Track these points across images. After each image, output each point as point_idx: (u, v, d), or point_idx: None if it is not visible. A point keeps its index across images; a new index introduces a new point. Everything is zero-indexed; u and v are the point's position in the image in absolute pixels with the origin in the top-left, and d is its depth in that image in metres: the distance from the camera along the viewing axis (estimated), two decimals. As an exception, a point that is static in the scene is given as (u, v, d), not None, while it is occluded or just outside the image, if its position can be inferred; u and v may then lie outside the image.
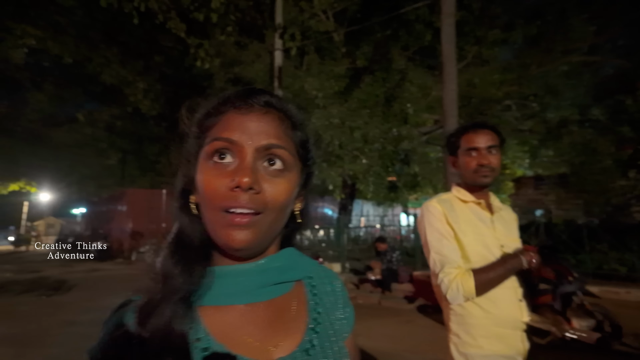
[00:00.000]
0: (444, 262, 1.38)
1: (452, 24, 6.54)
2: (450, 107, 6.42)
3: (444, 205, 1.48)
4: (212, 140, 0.52)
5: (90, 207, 26.55)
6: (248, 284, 0.54)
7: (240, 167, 0.50)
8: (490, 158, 1.43)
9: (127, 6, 5.25)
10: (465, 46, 11.06)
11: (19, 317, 6.18)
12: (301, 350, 0.54)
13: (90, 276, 11.52)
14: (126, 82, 12.57)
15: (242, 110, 0.53)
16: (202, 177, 0.51)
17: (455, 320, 1.42)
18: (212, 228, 0.52)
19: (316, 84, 9.80)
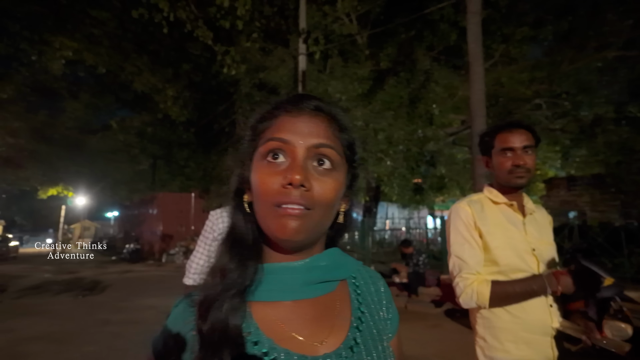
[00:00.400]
0: (462, 266, 1.38)
1: (478, 23, 6.43)
2: (478, 107, 6.29)
3: (474, 206, 1.45)
4: (266, 141, 0.55)
5: (122, 210, 27.57)
6: (295, 281, 0.57)
7: (292, 166, 0.53)
8: (525, 158, 1.40)
9: (157, 16, 5.45)
10: (492, 45, 10.82)
11: (57, 315, 6.49)
12: (346, 347, 0.56)
13: (122, 277, 11.94)
14: (156, 90, 13.01)
15: (294, 113, 0.57)
16: (257, 175, 0.55)
17: (482, 324, 1.40)
18: (264, 221, 0.55)
19: (340, 87, 9.83)
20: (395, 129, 9.68)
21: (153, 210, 19.40)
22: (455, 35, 10.44)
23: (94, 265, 16.47)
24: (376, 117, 9.69)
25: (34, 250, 30.96)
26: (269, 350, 0.52)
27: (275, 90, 11.10)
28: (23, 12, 10.71)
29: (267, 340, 0.52)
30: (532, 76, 10.90)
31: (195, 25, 5.64)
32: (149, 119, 16.54)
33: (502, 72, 10.43)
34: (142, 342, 3.12)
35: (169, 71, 13.27)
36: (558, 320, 1.35)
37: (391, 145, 9.91)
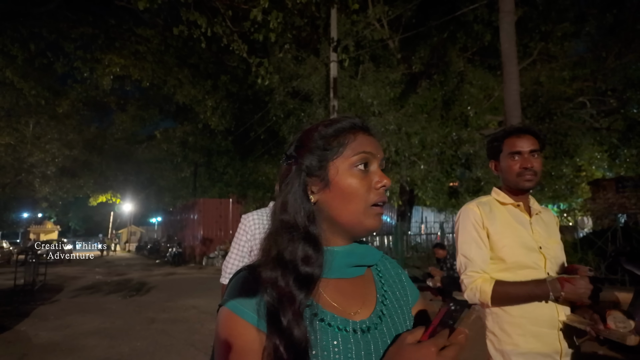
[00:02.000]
0: (467, 264, 1.46)
1: (511, 22, 6.31)
2: (513, 107, 6.17)
3: (482, 207, 1.52)
4: (358, 153, 0.69)
5: (166, 216, 28.82)
6: (339, 262, 0.70)
7: (379, 173, 0.71)
8: (533, 162, 1.46)
9: (196, 32, 5.82)
10: (530, 43, 10.49)
11: (109, 313, 6.97)
12: (375, 316, 0.71)
13: (166, 279, 12.54)
14: (196, 101, 13.67)
15: (366, 133, 0.73)
16: (352, 179, 0.69)
17: (491, 318, 1.48)
18: (356, 218, 0.69)
19: (371, 92, 9.88)
20: (429, 132, 9.59)
21: (194, 215, 20.19)
22: (489, 36, 10.23)
23: (140, 267, 17.38)
24: (409, 121, 9.65)
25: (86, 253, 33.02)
26: (318, 312, 0.65)
27: (308, 97, 11.33)
28: (77, 34, 11.62)
29: (316, 305, 0.66)
30: (574, 74, 10.44)
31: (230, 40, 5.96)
32: (190, 129, 17.35)
33: (541, 70, 10.07)
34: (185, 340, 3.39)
35: (208, 83, 13.89)
36: (565, 314, 1.39)
37: (425, 149, 9.82)
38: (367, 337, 0.67)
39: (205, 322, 6.15)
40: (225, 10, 5.79)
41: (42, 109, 17.06)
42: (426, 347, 0.56)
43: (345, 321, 0.67)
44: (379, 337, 0.68)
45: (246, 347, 0.61)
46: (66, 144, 20.09)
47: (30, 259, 10.64)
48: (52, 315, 6.81)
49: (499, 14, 6.44)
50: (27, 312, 6.99)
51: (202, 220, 18.84)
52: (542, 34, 10.48)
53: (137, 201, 34.28)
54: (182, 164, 19.84)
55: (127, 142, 23.23)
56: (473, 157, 9.67)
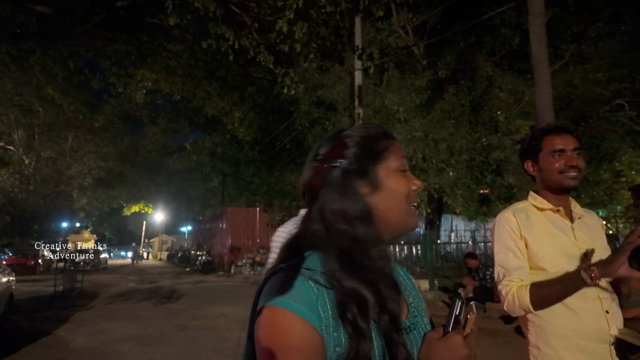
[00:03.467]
0: (504, 274, 1.39)
1: (541, 24, 6.16)
2: (545, 111, 5.98)
3: (519, 215, 1.45)
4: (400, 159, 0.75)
5: (195, 225, 29.48)
6: None
7: (412, 176, 0.77)
8: (577, 160, 1.39)
9: (224, 45, 5.99)
10: (561, 45, 10.17)
11: (141, 320, 7.15)
12: (412, 316, 0.74)
13: (196, 287, 12.76)
14: (224, 113, 14.02)
15: (395, 140, 0.79)
16: (398, 182, 0.74)
17: (534, 332, 1.39)
18: (400, 218, 0.73)
19: (397, 99, 9.82)
20: (457, 137, 9.41)
21: (222, 224, 20.54)
22: (518, 39, 10.00)
23: (170, 275, 17.79)
24: (436, 127, 9.50)
25: (120, 261, 34.20)
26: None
27: (333, 106, 11.38)
28: (112, 51, 12.20)
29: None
30: (610, 75, 10.01)
31: (257, 51, 6.11)
32: (218, 140, 17.77)
33: (574, 73, 9.72)
34: (214, 347, 3.42)
35: (235, 95, 14.23)
36: (617, 327, 1.30)
37: (453, 155, 9.63)
38: (410, 337, 0.70)
39: (234, 330, 6.20)
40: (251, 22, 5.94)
41: (80, 123, 17.97)
42: (454, 337, 0.63)
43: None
44: (418, 335, 0.71)
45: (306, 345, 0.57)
46: (102, 156, 21.03)
47: (69, 267, 11.10)
48: (89, 321, 7.06)
49: (528, 17, 6.30)
50: (66, 317, 7.27)
51: (230, 229, 19.14)
52: (574, 35, 10.14)
53: (168, 211, 35.26)
54: (211, 174, 20.30)
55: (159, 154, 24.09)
56: (504, 163, 9.40)
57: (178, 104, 17.43)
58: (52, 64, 11.56)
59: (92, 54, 12.38)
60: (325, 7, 5.04)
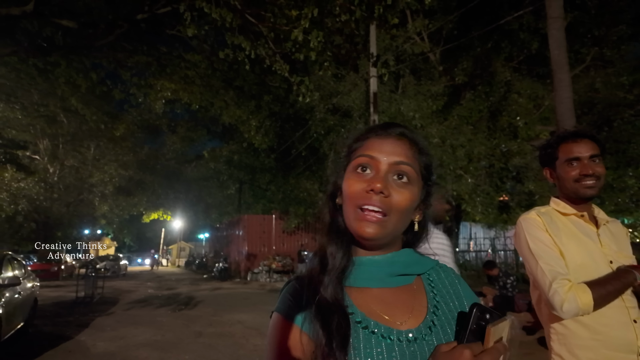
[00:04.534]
0: (554, 274, 1.27)
1: (560, 28, 6.04)
2: (566, 116, 5.84)
3: (544, 217, 1.40)
4: (357, 157, 0.70)
5: (213, 232, 29.78)
6: (379, 272, 0.70)
7: (375, 176, 0.67)
8: (594, 167, 1.34)
9: (241, 55, 6.10)
10: (582, 49, 9.95)
11: (160, 326, 7.24)
12: (425, 326, 0.67)
13: (213, 294, 12.86)
14: (241, 121, 14.22)
15: (382, 136, 0.71)
16: (347, 182, 0.69)
17: (557, 340, 1.35)
18: (349, 221, 0.69)
19: (413, 105, 9.76)
20: (476, 144, 9.27)
21: (239, 231, 20.69)
22: (536, 43, 9.84)
23: (188, 282, 17.97)
24: (453, 133, 9.40)
25: (139, 268, 34.77)
26: (362, 320, 0.64)
27: (349, 113, 11.39)
28: (133, 62, 12.53)
29: (360, 313, 0.65)
30: (635, 78, 9.73)
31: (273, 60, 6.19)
32: (235, 148, 18.01)
33: (596, 77, 9.49)
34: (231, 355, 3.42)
35: (252, 103, 14.43)
36: None
37: (471, 162, 9.48)
38: (413, 347, 0.64)
39: (250, 338, 6.21)
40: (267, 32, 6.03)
41: (102, 132, 18.48)
42: (459, 351, 0.54)
43: (389, 330, 0.65)
44: (427, 348, 0.64)
45: (292, 347, 0.64)
46: (122, 165, 21.55)
47: (90, 273, 11.35)
48: (109, 326, 7.18)
49: (547, 21, 6.20)
50: (87, 323, 7.42)
51: (247, 236, 19.26)
52: (595, 39, 9.91)
53: (186, 218, 35.76)
54: (228, 182, 20.55)
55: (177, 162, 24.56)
56: (524, 169, 9.20)
57: (196, 113, 17.77)
58: (76, 76, 11.96)
59: (114, 66, 12.74)
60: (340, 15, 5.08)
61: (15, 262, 6.09)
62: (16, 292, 5.45)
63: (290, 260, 17.60)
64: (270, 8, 5.74)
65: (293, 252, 18.23)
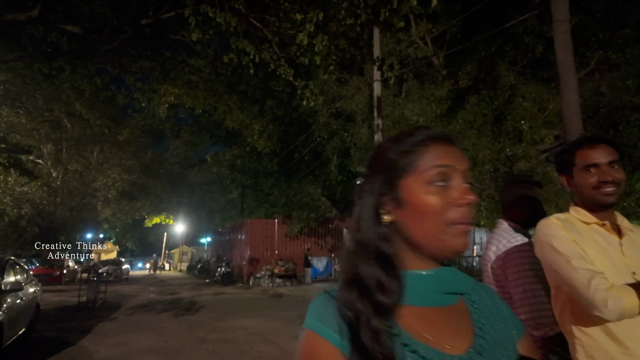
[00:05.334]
0: (592, 271, 1.18)
1: (566, 31, 6.00)
2: (573, 120, 5.78)
3: (565, 224, 1.34)
4: (433, 167, 0.62)
5: (215, 236, 29.76)
6: (426, 288, 0.64)
7: (461, 188, 0.62)
8: (613, 173, 1.29)
9: (245, 59, 6.09)
10: (587, 52, 9.92)
11: (163, 332, 7.19)
12: (475, 351, 0.62)
13: (215, 299, 12.80)
14: (245, 126, 14.23)
15: (444, 141, 0.65)
16: (426, 196, 0.62)
17: (583, 352, 1.29)
18: (436, 239, 0.62)
19: (416, 110, 9.73)
20: (480, 148, 9.22)
21: (242, 235, 20.64)
22: (541, 47, 9.81)
23: (190, 287, 17.93)
24: (457, 137, 9.31)
25: (141, 272, 34.75)
26: (409, 342, 0.58)
27: (352, 117, 11.36)
28: (137, 67, 12.58)
29: (406, 335, 0.59)
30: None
31: (277, 65, 6.18)
32: (238, 152, 18.02)
33: (602, 80, 9.44)
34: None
35: (255, 108, 14.43)
36: None
37: (476, 166, 9.43)
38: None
39: (254, 344, 6.14)
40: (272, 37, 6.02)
41: (105, 137, 18.54)
42: None
43: (441, 355, 0.59)
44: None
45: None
46: (126, 169, 21.61)
47: (92, 278, 11.32)
48: (111, 332, 7.14)
49: (553, 24, 6.16)
50: (89, 328, 7.39)
51: (249, 241, 19.21)
52: (600, 42, 9.88)
53: (189, 222, 35.76)
54: (231, 186, 20.53)
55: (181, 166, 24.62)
56: (530, 173, 9.13)
57: (200, 117, 17.81)
58: (81, 81, 12.01)
59: (118, 71, 12.79)
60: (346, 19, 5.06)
61: (17, 267, 6.07)
62: (18, 297, 5.42)
63: (293, 265, 17.52)
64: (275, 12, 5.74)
65: (296, 257, 18.16)
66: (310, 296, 1.71)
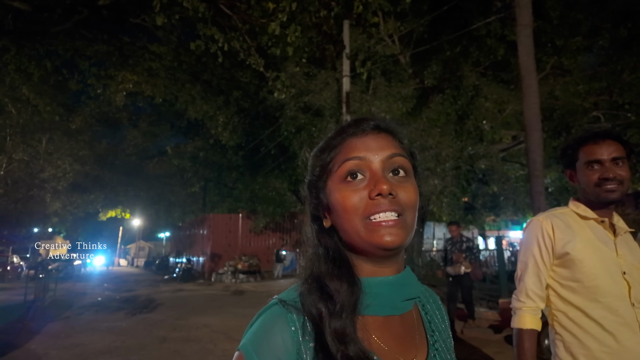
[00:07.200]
0: (523, 291, 1.39)
1: (529, 35, 6.26)
2: (534, 121, 6.05)
3: (556, 222, 1.36)
4: (342, 163, 0.59)
5: (175, 231, 28.81)
6: (392, 297, 0.59)
7: (376, 178, 0.57)
8: (616, 170, 1.28)
9: (213, 47, 5.84)
10: (543, 57, 10.43)
11: (119, 331, 6.82)
12: (431, 358, 0.60)
13: (175, 296, 12.38)
14: (208, 117, 13.75)
15: (359, 135, 0.61)
16: (340, 195, 0.58)
17: (562, 347, 1.32)
18: (356, 237, 0.57)
19: (384, 107, 9.82)
20: (443, 146, 9.48)
21: (203, 230, 20.11)
22: (503, 50, 10.20)
23: (148, 283, 17.24)
24: (422, 135, 9.56)
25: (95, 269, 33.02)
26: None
27: (320, 112, 11.30)
28: (92, 51, 11.81)
29: (368, 353, 0.53)
30: (589, 87, 10.32)
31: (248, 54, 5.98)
32: (201, 144, 17.44)
33: (556, 84, 9.98)
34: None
35: (220, 99, 13.99)
36: None
37: (439, 163, 9.69)
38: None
39: (218, 342, 5.97)
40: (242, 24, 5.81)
41: (56, 125, 17.32)
42: None
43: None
44: None
45: None
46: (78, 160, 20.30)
47: (40, 274, 10.57)
48: (63, 332, 6.69)
49: (517, 27, 6.40)
50: (38, 329, 6.87)
51: (212, 236, 18.76)
52: (555, 48, 10.41)
53: (147, 216, 34.37)
54: (193, 179, 19.89)
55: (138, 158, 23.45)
56: (490, 172, 9.52)
57: (160, 107, 17.00)
58: (28, 63, 11.09)
59: (70, 54, 11.95)
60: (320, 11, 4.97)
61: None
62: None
63: (257, 260, 17.30)
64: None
65: (260, 252, 17.95)
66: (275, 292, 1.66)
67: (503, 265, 7.57)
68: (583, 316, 1.27)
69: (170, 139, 22.23)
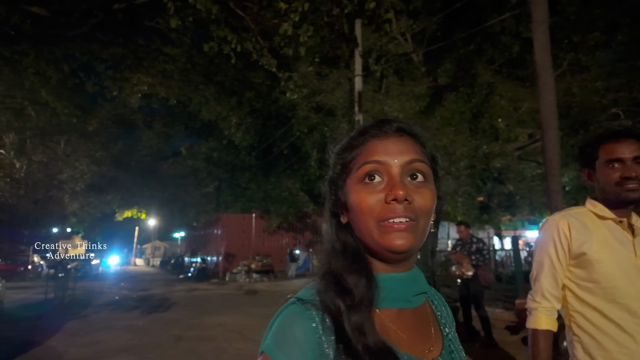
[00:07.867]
0: (536, 290, 1.38)
1: (545, 32, 6.13)
2: (550, 119, 5.93)
3: (572, 222, 1.33)
4: (361, 165, 0.60)
5: (189, 231, 29.13)
6: (403, 291, 0.62)
7: (393, 183, 0.58)
8: (638, 169, 1.25)
9: (226, 48, 5.89)
10: (560, 54, 10.22)
11: (136, 330, 6.93)
12: (447, 352, 0.63)
13: (189, 295, 12.52)
14: (221, 118, 13.89)
15: (381, 137, 0.62)
16: (357, 196, 0.60)
17: (580, 349, 1.29)
18: (371, 239, 0.59)
19: (396, 106, 9.76)
20: (458, 145, 9.37)
21: (217, 230, 20.29)
22: (518, 47, 10.02)
23: (163, 283, 17.48)
24: (435, 134, 9.47)
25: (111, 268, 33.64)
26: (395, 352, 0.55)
27: (332, 112, 11.29)
28: (108, 54, 12.02)
29: (389, 344, 0.56)
30: (608, 84, 10.07)
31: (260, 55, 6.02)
32: (214, 145, 17.61)
33: (573, 81, 9.77)
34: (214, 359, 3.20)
35: (233, 100, 14.11)
36: None
37: (453, 163, 9.58)
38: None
39: (233, 341, 6.02)
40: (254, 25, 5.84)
41: (73, 127, 17.68)
42: None
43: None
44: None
45: None
46: (94, 161, 20.71)
47: (60, 274, 10.82)
48: (81, 330, 6.83)
49: (532, 24, 6.28)
50: (57, 327, 7.03)
51: (225, 236, 18.92)
52: (572, 44, 10.20)
53: (162, 216, 34.86)
54: (206, 180, 20.10)
55: (153, 159, 23.79)
56: (505, 171, 9.37)
57: (174, 108, 17.24)
58: (46, 67, 11.35)
59: (87, 57, 12.19)
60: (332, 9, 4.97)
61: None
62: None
63: (270, 260, 17.38)
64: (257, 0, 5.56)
65: (274, 252, 18.02)
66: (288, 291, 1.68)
67: (520, 265, 7.45)
68: (601, 317, 1.25)
69: (184, 140, 22.50)
